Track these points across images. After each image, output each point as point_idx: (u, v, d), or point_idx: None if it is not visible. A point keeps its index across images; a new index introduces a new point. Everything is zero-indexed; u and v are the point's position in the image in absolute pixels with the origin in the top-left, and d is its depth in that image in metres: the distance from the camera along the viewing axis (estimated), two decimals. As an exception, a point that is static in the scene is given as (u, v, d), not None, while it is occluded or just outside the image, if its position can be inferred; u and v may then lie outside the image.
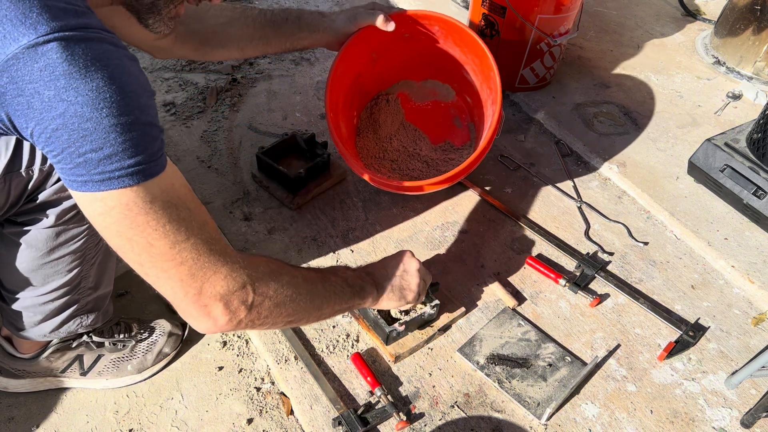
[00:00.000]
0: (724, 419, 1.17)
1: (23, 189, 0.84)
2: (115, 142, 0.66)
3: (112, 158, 0.67)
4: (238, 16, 1.25)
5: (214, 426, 1.12)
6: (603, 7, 2.52)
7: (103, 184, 0.68)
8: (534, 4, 1.75)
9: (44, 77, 0.63)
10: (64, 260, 0.94)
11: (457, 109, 1.70)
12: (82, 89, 0.63)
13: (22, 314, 1.00)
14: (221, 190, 1.55)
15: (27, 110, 0.64)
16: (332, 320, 1.27)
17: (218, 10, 1.24)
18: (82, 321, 1.06)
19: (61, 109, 0.64)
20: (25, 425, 1.10)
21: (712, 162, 1.58)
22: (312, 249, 1.42)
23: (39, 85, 0.63)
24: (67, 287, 0.98)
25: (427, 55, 1.54)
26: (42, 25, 0.62)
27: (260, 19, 1.27)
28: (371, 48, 1.48)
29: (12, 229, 0.90)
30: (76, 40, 0.64)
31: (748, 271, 1.43)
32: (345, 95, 1.51)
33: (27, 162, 0.81)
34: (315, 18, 1.32)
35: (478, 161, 1.36)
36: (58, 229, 0.90)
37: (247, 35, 1.26)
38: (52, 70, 0.62)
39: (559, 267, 1.43)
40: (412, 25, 1.42)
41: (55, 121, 0.64)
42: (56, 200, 0.87)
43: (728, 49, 2.16)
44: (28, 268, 0.94)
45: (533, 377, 1.20)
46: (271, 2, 2.37)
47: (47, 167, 0.83)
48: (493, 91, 1.40)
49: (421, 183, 1.37)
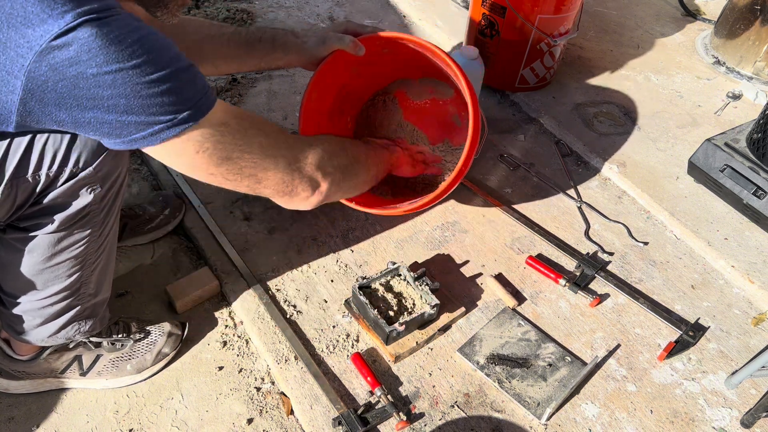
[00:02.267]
0: (724, 419, 1.17)
1: (30, 194, 0.83)
2: (177, 86, 0.75)
3: (180, 100, 0.76)
4: (214, 33, 1.25)
5: (214, 426, 1.12)
6: (603, 7, 2.52)
7: (179, 126, 0.77)
8: (534, 4, 1.75)
9: (82, 57, 0.68)
10: (65, 265, 0.94)
11: (456, 106, 1.69)
12: (121, 57, 0.70)
13: (20, 317, 1.00)
14: (221, 189, 1.53)
15: (74, 90, 0.70)
16: (332, 320, 1.27)
17: (196, 26, 1.24)
18: (80, 327, 1.05)
19: (110, 81, 0.70)
20: (25, 425, 1.10)
21: (712, 162, 1.58)
22: (312, 249, 1.42)
23: (79, 66, 0.68)
24: (67, 291, 0.98)
25: (415, 60, 1.52)
26: (68, 12, 0.67)
27: (235, 39, 1.26)
28: (352, 64, 1.43)
29: (14, 235, 0.90)
30: (103, 19, 0.69)
31: (748, 271, 1.43)
32: (328, 111, 1.49)
33: (34, 167, 0.81)
34: (288, 38, 1.31)
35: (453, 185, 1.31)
36: (61, 234, 0.90)
37: (221, 54, 1.26)
38: (89, 49, 0.68)
39: (559, 267, 1.43)
40: (387, 45, 1.39)
41: (107, 91, 0.70)
42: (62, 204, 0.86)
43: (728, 49, 2.16)
44: (29, 273, 0.93)
45: (533, 377, 1.20)
46: (271, 1, 2.37)
47: (54, 172, 0.82)
48: (468, 115, 1.35)
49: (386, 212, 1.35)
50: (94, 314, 1.07)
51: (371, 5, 2.41)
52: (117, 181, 0.91)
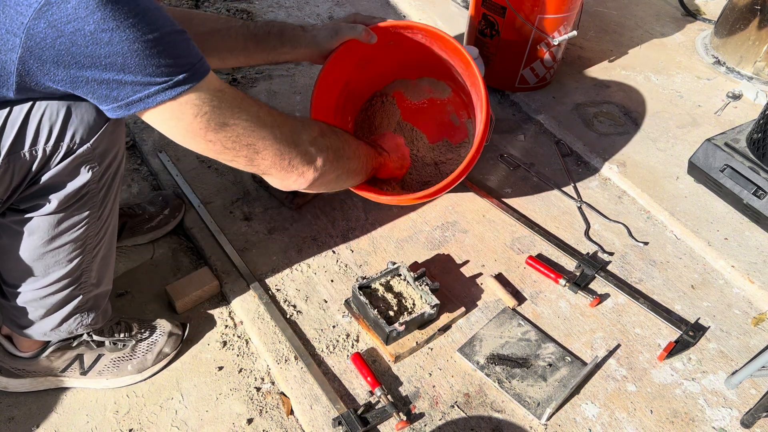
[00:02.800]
0: (724, 419, 1.17)
1: (26, 172, 0.83)
2: (172, 48, 0.76)
3: (176, 63, 0.76)
4: (220, 27, 1.25)
5: (214, 426, 1.12)
6: (603, 7, 2.52)
7: (176, 88, 0.77)
8: (534, 4, 1.75)
9: (80, 14, 0.68)
10: (66, 249, 0.94)
11: (454, 105, 1.69)
12: (118, 15, 0.70)
13: (23, 310, 1.00)
14: (221, 190, 1.55)
15: (72, 48, 0.70)
16: (332, 320, 1.28)
17: (202, 19, 1.23)
18: (82, 319, 1.05)
19: (107, 38, 0.70)
20: (25, 425, 1.10)
21: (712, 162, 1.58)
22: (312, 249, 1.42)
23: (77, 22, 0.68)
24: (69, 278, 0.98)
25: (416, 57, 1.53)
26: None
27: (243, 32, 1.26)
28: (357, 58, 1.46)
29: (13, 218, 0.90)
30: None
31: (748, 271, 1.43)
32: (334, 106, 1.50)
33: (31, 141, 0.81)
34: (297, 32, 1.31)
35: (464, 174, 1.32)
36: (60, 215, 0.90)
37: (229, 47, 1.26)
38: (86, 5, 0.68)
39: (559, 267, 1.43)
40: (395, 35, 1.41)
41: (104, 48, 0.71)
42: (59, 183, 0.86)
43: (728, 49, 2.16)
44: (29, 258, 0.93)
45: (533, 377, 1.20)
46: (271, 1, 2.37)
47: (50, 147, 0.82)
48: (479, 98, 1.38)
49: (403, 199, 1.36)
50: (96, 306, 1.07)
51: (371, 5, 2.41)
52: (115, 159, 0.91)
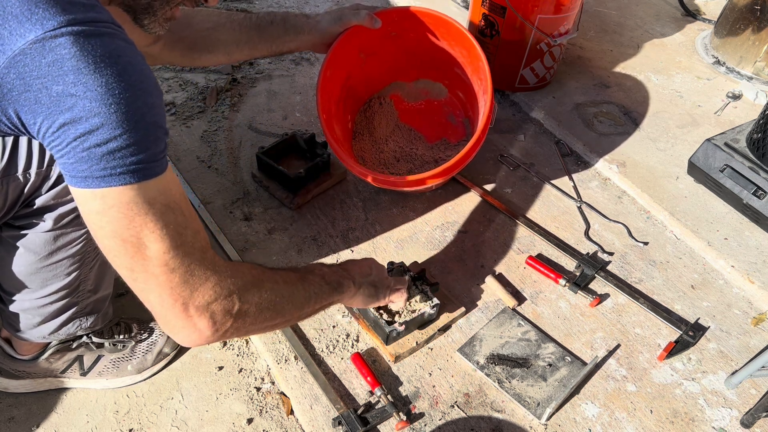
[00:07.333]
0: (724, 419, 1.17)
1: (20, 193, 0.84)
2: (121, 138, 0.65)
3: (116, 154, 0.66)
4: (224, 21, 1.25)
5: (214, 426, 1.12)
6: (603, 7, 2.52)
7: (104, 180, 0.67)
8: (534, 4, 1.75)
9: (53, 72, 0.62)
10: (63, 264, 0.94)
11: (451, 106, 1.70)
12: (91, 84, 0.63)
13: (20, 316, 1.00)
14: (221, 190, 1.55)
15: (35, 105, 0.64)
16: (332, 320, 1.27)
17: (205, 15, 1.23)
18: (81, 323, 1.06)
19: (70, 104, 0.63)
20: (25, 425, 1.10)
21: (712, 162, 1.58)
22: (312, 249, 1.42)
23: (47, 80, 0.62)
24: (66, 290, 0.98)
25: (416, 53, 1.54)
26: (49, 20, 0.62)
27: (246, 24, 1.26)
28: (359, 48, 1.47)
29: (10, 233, 0.90)
30: (87, 34, 0.63)
31: (748, 271, 1.43)
32: (336, 98, 1.51)
33: (24, 165, 0.81)
34: (300, 20, 1.31)
35: (475, 150, 1.36)
36: (57, 233, 0.90)
37: (234, 40, 1.26)
38: (61, 65, 0.62)
39: (559, 267, 1.43)
40: (399, 22, 1.42)
41: (63, 115, 0.64)
42: (54, 205, 0.87)
43: (728, 49, 2.16)
44: (26, 272, 0.94)
45: (533, 377, 1.20)
46: (271, 1, 2.37)
47: (44, 170, 0.83)
48: (483, 81, 1.41)
49: (422, 176, 1.36)
50: (96, 310, 1.07)
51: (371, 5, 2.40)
52: None
